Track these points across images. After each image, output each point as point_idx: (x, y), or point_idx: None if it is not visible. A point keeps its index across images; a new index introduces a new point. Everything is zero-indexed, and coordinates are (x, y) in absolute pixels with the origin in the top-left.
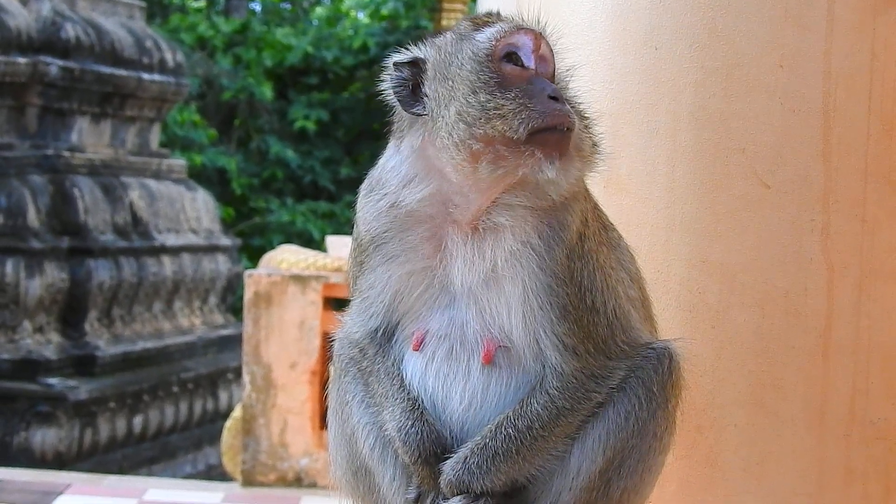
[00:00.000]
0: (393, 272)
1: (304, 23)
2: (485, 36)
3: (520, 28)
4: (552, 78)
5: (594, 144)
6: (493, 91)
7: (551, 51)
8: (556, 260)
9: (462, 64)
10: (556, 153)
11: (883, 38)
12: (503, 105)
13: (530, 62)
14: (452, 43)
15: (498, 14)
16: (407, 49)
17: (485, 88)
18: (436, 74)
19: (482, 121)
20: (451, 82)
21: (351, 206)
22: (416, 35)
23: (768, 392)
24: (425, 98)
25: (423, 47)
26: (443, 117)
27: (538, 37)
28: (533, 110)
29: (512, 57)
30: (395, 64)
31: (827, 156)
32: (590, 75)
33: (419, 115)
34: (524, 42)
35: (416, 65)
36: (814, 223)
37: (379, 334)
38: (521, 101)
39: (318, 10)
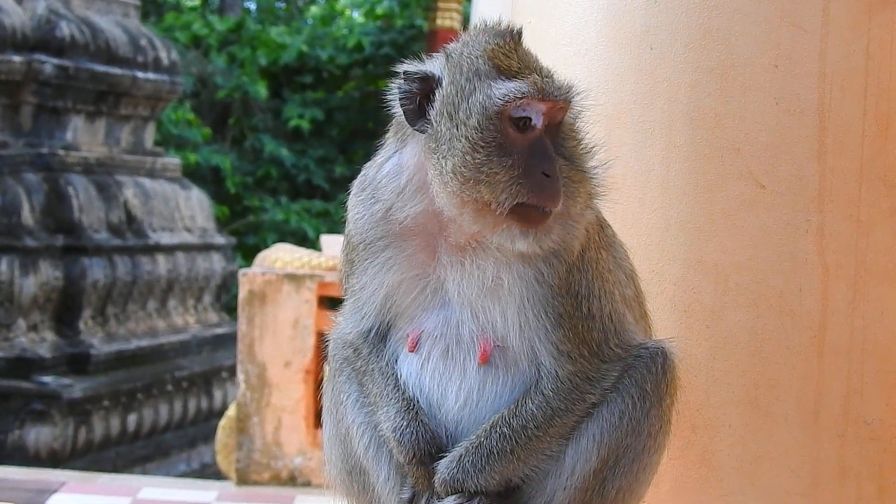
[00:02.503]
0: (385, 279)
1: (299, 21)
2: (501, 93)
3: (539, 96)
4: (559, 127)
5: (590, 193)
6: (492, 154)
7: (566, 108)
8: (555, 273)
9: (470, 113)
10: (533, 229)
11: (878, 38)
12: (496, 173)
13: (539, 123)
14: (467, 78)
15: (523, 60)
16: (419, 58)
17: (484, 150)
18: (443, 109)
19: (472, 182)
20: (455, 128)
21: (345, 204)
22: (412, 35)
23: (763, 392)
24: (429, 121)
25: (435, 63)
26: (441, 161)
27: (556, 104)
28: (522, 187)
29: (521, 121)
30: (406, 74)
31: (822, 156)
32: (584, 76)
33: (422, 131)
34: (539, 108)
35: (425, 79)
36: (809, 223)
37: (372, 335)
38: (514, 172)
39: (313, 9)
